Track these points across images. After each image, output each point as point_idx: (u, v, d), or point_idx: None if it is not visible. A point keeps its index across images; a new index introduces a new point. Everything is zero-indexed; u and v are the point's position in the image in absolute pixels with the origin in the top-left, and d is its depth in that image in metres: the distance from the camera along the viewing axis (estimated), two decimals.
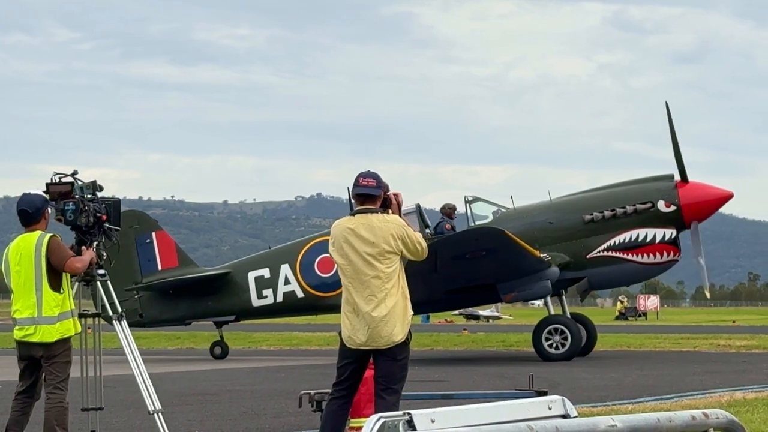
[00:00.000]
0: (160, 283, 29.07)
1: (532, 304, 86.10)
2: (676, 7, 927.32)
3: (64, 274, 11.05)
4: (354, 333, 10.04)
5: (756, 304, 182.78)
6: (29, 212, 11.12)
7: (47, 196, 11.23)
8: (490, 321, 67.18)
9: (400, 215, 10.28)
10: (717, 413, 5.48)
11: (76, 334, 11.17)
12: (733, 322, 61.51)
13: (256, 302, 28.95)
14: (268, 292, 28.86)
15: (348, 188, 34.39)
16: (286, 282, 28.76)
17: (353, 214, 10.16)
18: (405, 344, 10.07)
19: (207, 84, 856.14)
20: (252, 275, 29.02)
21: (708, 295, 29.10)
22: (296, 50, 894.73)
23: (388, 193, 10.27)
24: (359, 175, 10.23)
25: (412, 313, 10.22)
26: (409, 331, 10.14)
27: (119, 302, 11.82)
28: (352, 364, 10.23)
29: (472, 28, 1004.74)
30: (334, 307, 29.55)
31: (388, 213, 10.22)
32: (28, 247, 11.00)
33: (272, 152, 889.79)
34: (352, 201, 10.37)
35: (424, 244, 10.23)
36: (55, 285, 10.98)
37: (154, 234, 29.73)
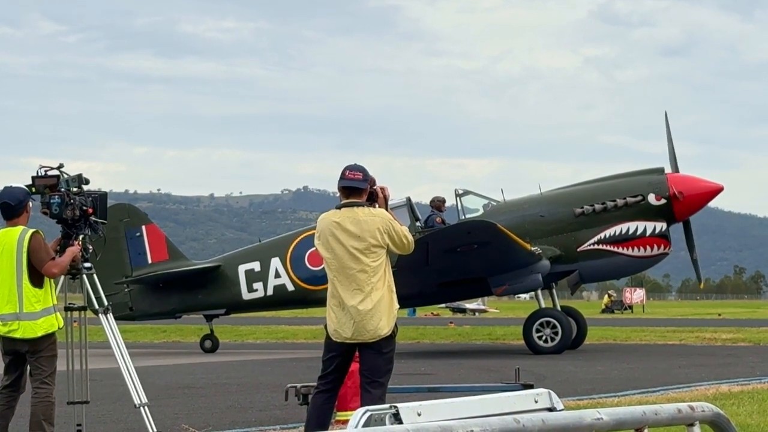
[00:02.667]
0: (151, 277, 29.03)
1: (519, 297, 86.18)
2: (662, 1, 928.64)
3: None
4: (340, 327, 10.04)
5: (742, 297, 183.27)
6: (11, 205, 11.07)
7: (28, 190, 11.19)
8: (477, 314, 67.18)
9: (386, 209, 10.26)
10: (703, 406, 5.48)
11: (59, 328, 11.14)
12: (719, 315, 61.54)
13: (246, 295, 28.92)
14: (258, 285, 28.83)
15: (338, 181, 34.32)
16: (277, 275, 28.74)
17: (339, 208, 10.13)
18: (391, 338, 10.05)
19: (192, 77, 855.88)
20: (242, 268, 28.99)
21: (702, 285, 29.03)
22: (282, 43, 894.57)
23: (375, 187, 10.26)
24: (345, 168, 10.21)
25: (398, 306, 10.20)
26: (395, 325, 10.13)
27: (109, 295, 11.80)
28: (338, 357, 10.22)
29: (459, 21, 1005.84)
30: (325, 301, 29.64)
31: (374, 206, 10.20)
32: (10, 242, 10.96)
33: (258, 145, 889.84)
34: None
35: (411, 237, 10.20)
36: (36, 281, 10.93)
37: (144, 227, 29.69)
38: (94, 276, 11.48)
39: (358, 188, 10.09)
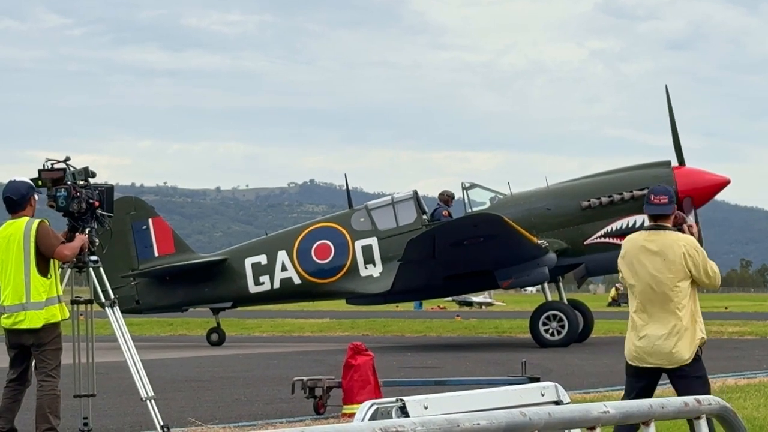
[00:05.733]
0: (157, 270, 29.03)
1: (525, 290, 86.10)
2: None
3: (51, 259, 11.03)
4: (637, 351, 9.72)
5: (748, 290, 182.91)
6: (14, 199, 11.09)
7: (32, 183, 11.20)
8: (483, 307, 67.13)
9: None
10: (709, 399, 5.48)
11: (63, 320, 11.15)
12: (726, 308, 61.50)
13: (253, 288, 28.92)
14: (265, 278, 28.84)
15: (345, 174, 34.18)
16: (283, 268, 28.73)
17: (647, 230, 9.79)
18: (695, 361, 9.71)
19: (197, 70, 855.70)
20: (249, 262, 28.99)
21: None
22: (287, 36, 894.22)
23: (683, 225, 9.85)
24: (650, 192, 9.81)
25: (702, 336, 9.81)
26: (700, 349, 9.75)
27: (115, 289, 11.79)
28: (641, 384, 9.82)
29: (464, 15, 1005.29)
30: (331, 294, 29.80)
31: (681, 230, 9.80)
32: (16, 232, 10.98)
33: (264, 138, 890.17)
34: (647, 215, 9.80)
35: (717, 270, 9.73)
36: (43, 270, 10.96)
37: (150, 220, 29.68)
38: (101, 269, 11.49)
39: (663, 215, 9.70)
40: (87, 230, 11.29)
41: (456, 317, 44.92)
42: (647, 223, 9.93)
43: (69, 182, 11.22)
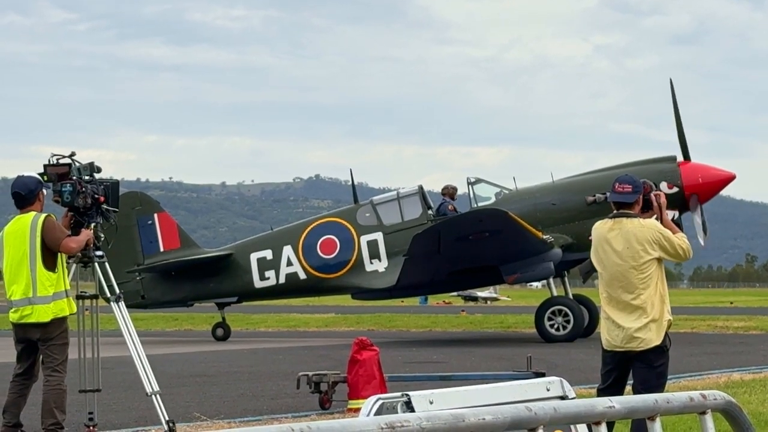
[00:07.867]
0: (163, 265, 29.05)
1: (531, 285, 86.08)
2: None
3: (58, 253, 11.04)
4: (610, 335, 9.74)
5: (753, 285, 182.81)
6: (22, 194, 11.12)
7: (40, 178, 11.21)
8: (489, 302, 67.11)
9: (662, 216, 9.91)
10: (715, 394, 5.47)
11: (71, 314, 11.16)
12: (731, 303, 61.46)
13: (258, 283, 28.94)
14: (270, 273, 28.85)
15: (350, 169, 34.13)
16: (289, 263, 28.75)
17: (612, 218, 9.87)
18: (661, 350, 9.74)
19: (202, 65, 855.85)
20: (254, 256, 29.01)
21: (702, 242, 28.28)
22: (292, 31, 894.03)
23: (651, 194, 9.88)
24: (615, 180, 9.93)
25: (670, 317, 9.81)
26: (668, 338, 9.78)
27: (121, 284, 11.79)
28: (614, 369, 9.87)
29: (469, 9, 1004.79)
30: (337, 289, 29.82)
31: (648, 214, 9.84)
32: (22, 227, 11.00)
33: (269, 133, 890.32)
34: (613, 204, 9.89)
35: (686, 245, 9.83)
36: (50, 264, 10.97)
37: (156, 215, 29.71)
38: (106, 264, 11.50)
39: (625, 203, 9.81)
40: (92, 225, 11.30)
41: (461, 312, 44.93)
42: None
43: (74, 177, 11.22)
